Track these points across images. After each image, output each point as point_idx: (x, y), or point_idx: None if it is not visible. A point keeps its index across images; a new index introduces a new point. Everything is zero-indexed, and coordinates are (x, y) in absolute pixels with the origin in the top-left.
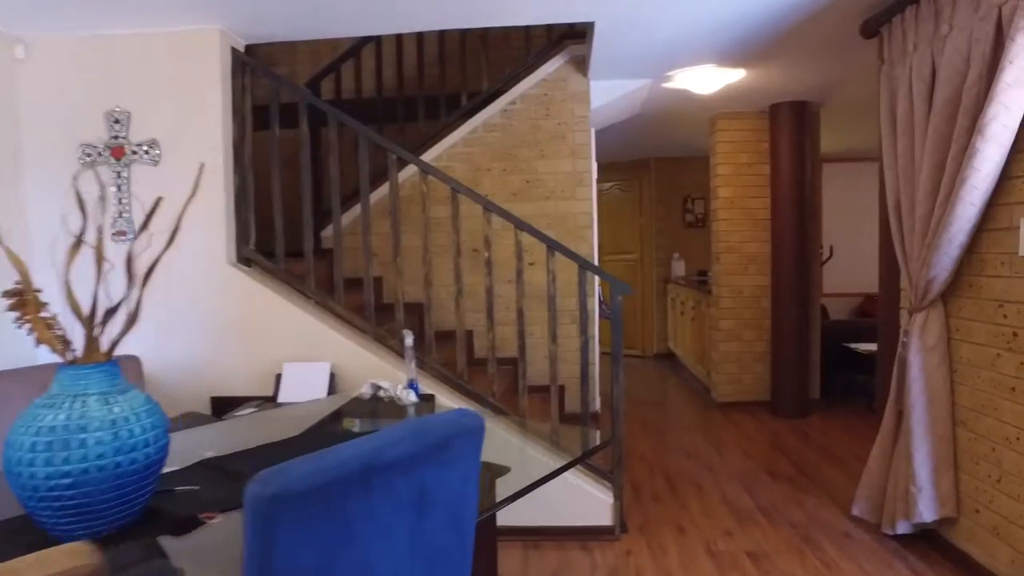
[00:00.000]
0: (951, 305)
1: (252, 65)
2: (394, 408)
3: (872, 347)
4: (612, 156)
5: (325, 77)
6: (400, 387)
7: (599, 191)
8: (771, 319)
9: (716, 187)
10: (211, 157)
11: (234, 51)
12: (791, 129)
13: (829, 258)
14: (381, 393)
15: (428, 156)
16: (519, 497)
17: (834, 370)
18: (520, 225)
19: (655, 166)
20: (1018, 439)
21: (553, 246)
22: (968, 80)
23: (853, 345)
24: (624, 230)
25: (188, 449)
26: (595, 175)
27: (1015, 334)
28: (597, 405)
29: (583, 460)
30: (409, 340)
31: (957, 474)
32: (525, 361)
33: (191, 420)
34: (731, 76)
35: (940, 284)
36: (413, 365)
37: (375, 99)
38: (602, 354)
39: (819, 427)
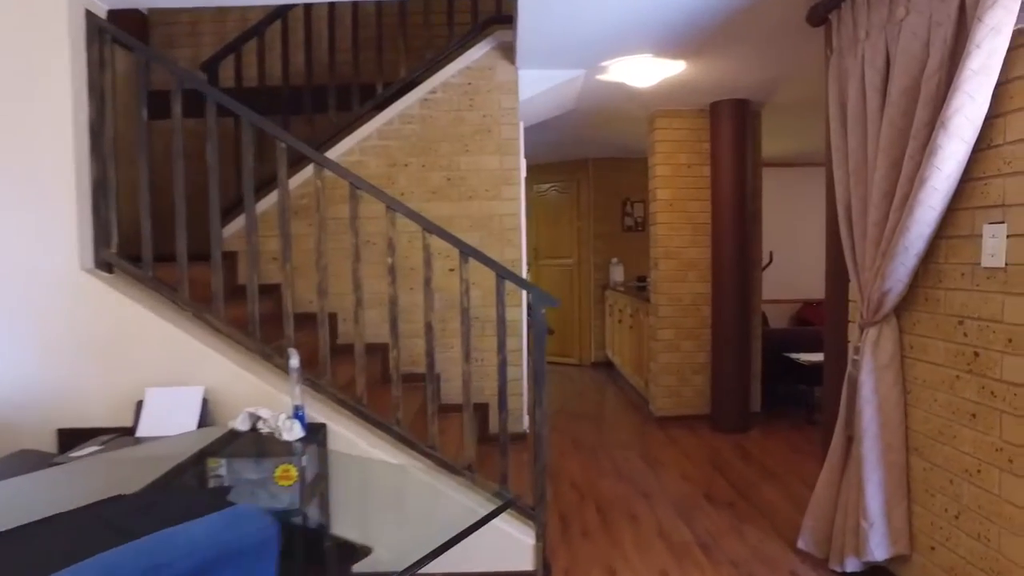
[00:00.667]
0: (905, 320)
1: (113, 33)
2: (274, 444)
3: (814, 357)
4: (549, 156)
5: (224, 59)
6: (283, 417)
7: (535, 193)
8: (712, 329)
9: (655, 189)
10: (57, 142)
11: (89, 15)
12: (732, 129)
13: (769, 264)
14: (260, 425)
15: (339, 150)
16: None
17: (775, 381)
18: (428, 227)
19: (593, 167)
20: (979, 472)
21: (466, 251)
22: (928, 68)
23: (794, 355)
24: (561, 234)
25: None
26: (524, 173)
27: (976, 354)
28: (525, 424)
29: (495, 516)
30: (294, 360)
31: (911, 506)
32: (436, 382)
33: (16, 462)
34: (670, 69)
35: (895, 297)
36: (298, 390)
37: (281, 88)
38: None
39: (760, 443)
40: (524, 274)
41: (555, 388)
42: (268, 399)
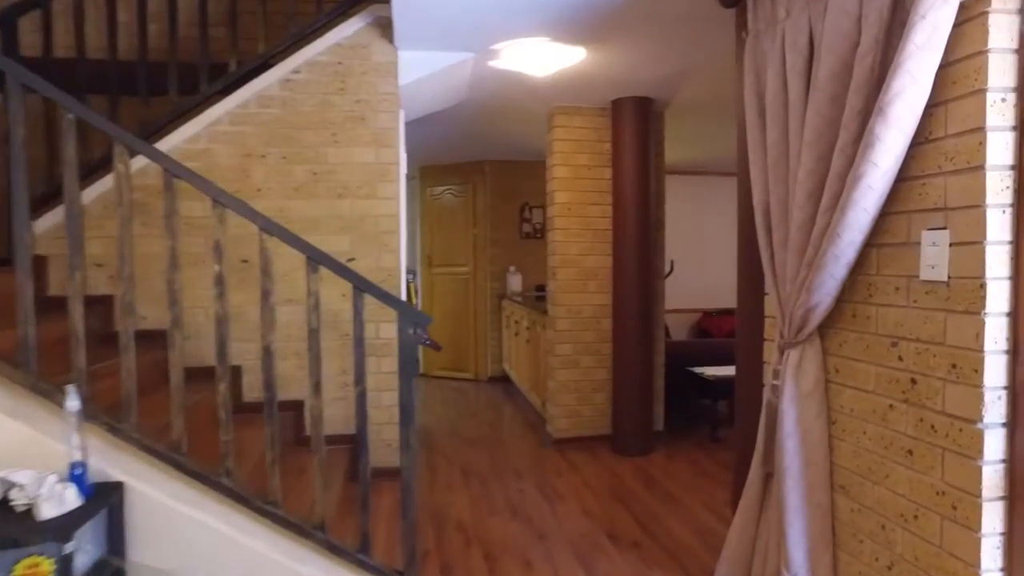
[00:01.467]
0: (831, 339)
1: None
2: (28, 523)
3: (718, 372)
4: (443, 157)
5: (24, 14)
6: (53, 481)
7: (430, 197)
8: (613, 343)
9: (553, 192)
10: None
11: None
12: (635, 129)
13: (670, 273)
14: (14, 495)
15: (180, 135)
16: None
17: (677, 396)
18: (266, 227)
19: (491, 170)
20: (916, 517)
21: (314, 257)
22: (861, 48)
23: (698, 370)
24: (456, 240)
25: None
26: (404, 168)
27: (913, 381)
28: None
29: None
30: (73, 402)
31: (836, 552)
32: (273, 418)
33: None
34: (569, 57)
35: (821, 313)
36: (76, 440)
37: (107, 61)
38: (433, 377)
39: (664, 466)
40: (403, 285)
41: (447, 407)
42: (43, 453)
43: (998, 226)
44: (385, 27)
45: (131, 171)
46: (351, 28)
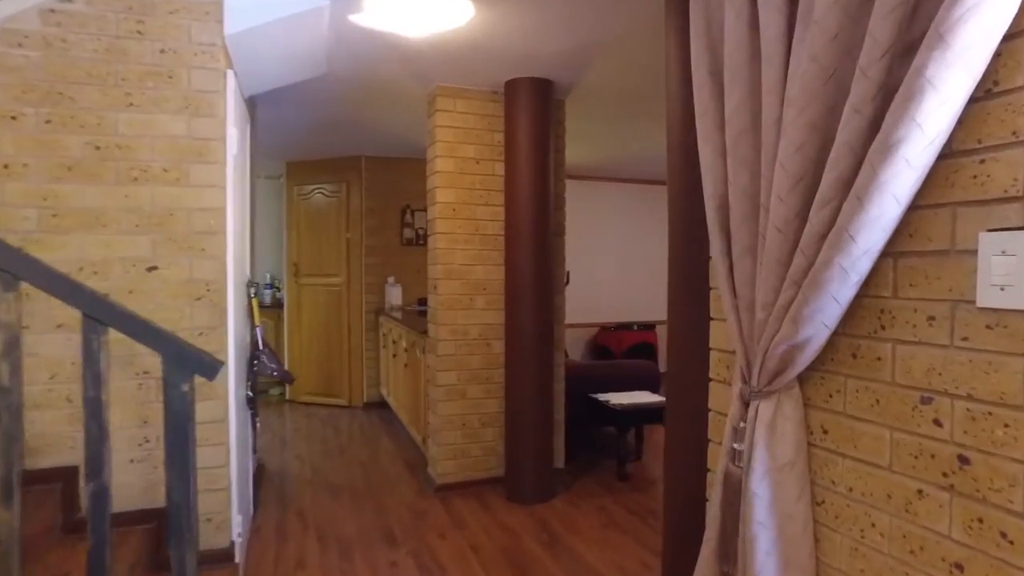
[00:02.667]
0: (814, 386)
1: None
2: None
3: (626, 399)
4: (312, 151)
5: None
6: None
7: (297, 197)
8: (505, 369)
9: (434, 189)
10: None
11: None
12: (532, 116)
13: (566, 284)
14: None
15: None
16: None
17: (578, 426)
18: None
19: (368, 167)
20: None
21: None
22: None
23: (602, 397)
24: (328, 247)
25: None
26: (233, 147)
27: (965, 460)
28: (233, 533)
29: None
30: None
31: None
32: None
33: None
34: (452, 15)
35: (812, 352)
36: None
37: None
38: (300, 404)
39: (567, 517)
40: (230, 301)
41: (311, 443)
42: None
43: None
44: None
45: None
46: None
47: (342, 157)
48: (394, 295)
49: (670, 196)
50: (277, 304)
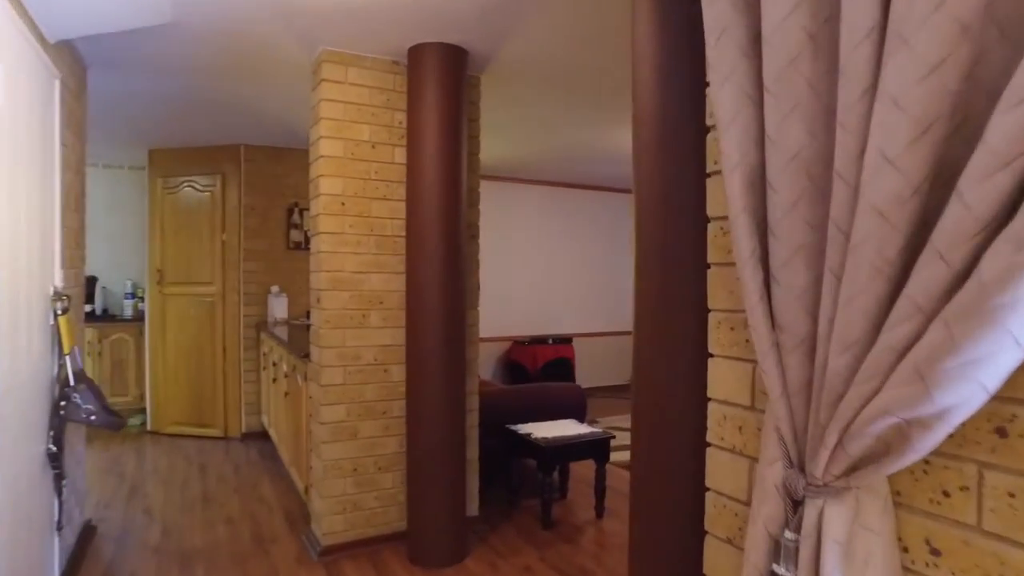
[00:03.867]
0: (908, 475)
1: None
2: None
3: (549, 432)
4: (181, 136)
5: None
6: None
7: (163, 191)
8: (407, 400)
9: (319, 178)
10: None
11: None
12: (443, 91)
13: None
14: None
15: None
16: None
17: (494, 462)
18: None
19: (248, 158)
20: None
21: None
22: None
23: (523, 429)
24: (199, 250)
25: None
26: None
27: None
28: None
29: None
30: None
31: None
32: None
33: None
34: None
35: (948, 430)
36: None
37: None
38: (165, 435)
39: None
40: (28, 327)
41: (171, 488)
42: None
43: None
44: None
45: None
46: None
47: (217, 146)
48: (279, 307)
49: (638, 192)
50: (139, 317)
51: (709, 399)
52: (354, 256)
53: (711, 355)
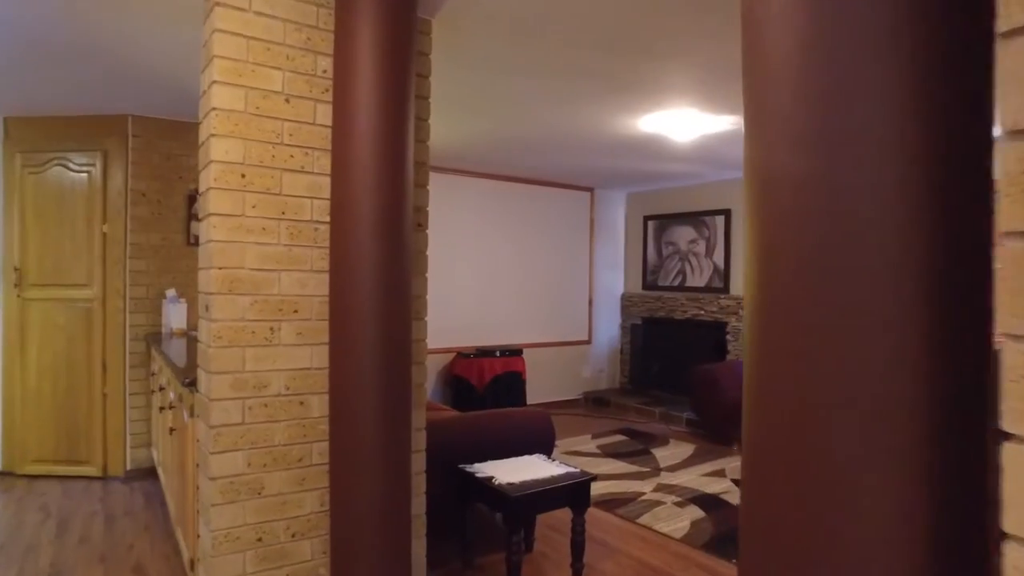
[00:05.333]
0: None
1: None
2: None
3: (515, 475)
4: (47, 102)
5: None
6: None
7: (23, 170)
8: (330, 443)
9: (209, 138)
10: None
11: None
12: (383, 30)
13: None
14: None
15: None
16: None
17: (443, 511)
18: None
19: (137, 132)
20: None
21: None
22: None
23: (480, 472)
24: (73, 244)
25: None
26: None
27: None
28: None
29: None
30: None
31: None
32: None
33: None
34: None
35: None
36: None
37: None
38: (23, 477)
39: None
40: None
41: (7, 560)
42: None
43: None
44: None
45: None
46: None
47: (97, 115)
48: (176, 315)
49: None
50: None
51: (1005, 535)
52: (257, 248)
53: (1007, 434)
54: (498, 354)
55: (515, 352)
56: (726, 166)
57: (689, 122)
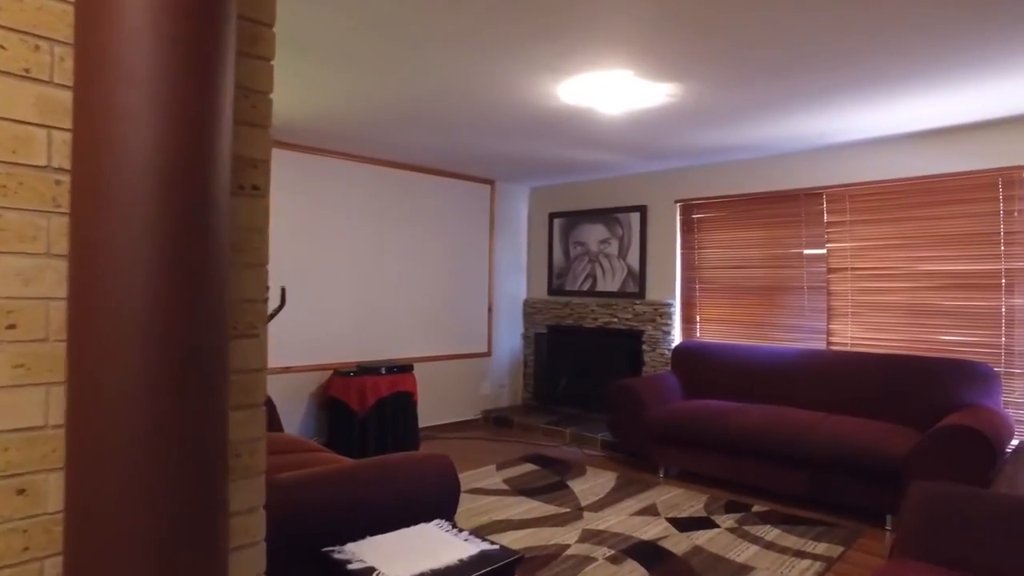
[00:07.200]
0: None
1: None
2: None
3: (407, 565)
4: None
5: None
6: None
7: None
8: (66, 557)
9: None
10: None
11: None
12: None
13: (281, 307)
14: None
15: None
16: None
17: None
18: None
19: None
20: None
21: None
22: None
23: (353, 557)
24: None
25: None
26: None
27: None
28: None
29: None
30: None
31: None
32: None
33: None
34: None
35: None
36: None
37: None
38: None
39: None
40: None
41: None
42: None
43: None
44: None
45: None
46: None
47: None
48: None
49: None
50: None
51: None
52: None
53: None
54: (384, 371)
55: (404, 368)
56: (649, 155)
57: (621, 89)
